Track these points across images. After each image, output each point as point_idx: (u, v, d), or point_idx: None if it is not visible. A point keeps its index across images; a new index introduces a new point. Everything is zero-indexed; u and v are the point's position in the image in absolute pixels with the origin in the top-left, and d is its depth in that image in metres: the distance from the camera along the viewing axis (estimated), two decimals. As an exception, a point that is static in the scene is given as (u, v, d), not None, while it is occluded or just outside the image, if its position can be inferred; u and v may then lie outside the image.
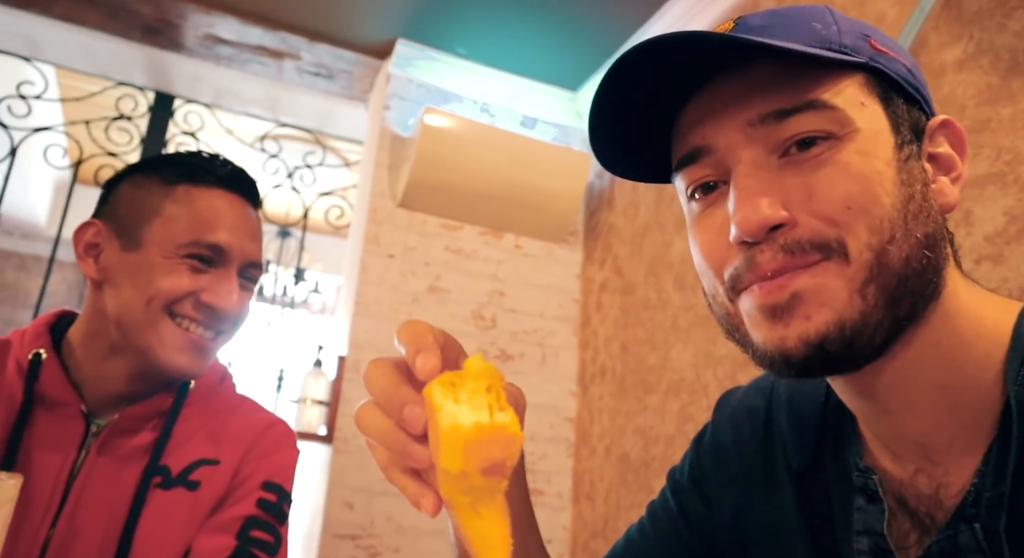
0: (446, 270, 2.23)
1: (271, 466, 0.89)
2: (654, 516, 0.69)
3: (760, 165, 0.47)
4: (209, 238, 0.84)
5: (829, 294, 0.44)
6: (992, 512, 0.42)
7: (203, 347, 0.84)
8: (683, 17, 1.98)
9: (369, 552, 1.95)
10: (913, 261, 0.45)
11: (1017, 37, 1.11)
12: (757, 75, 0.47)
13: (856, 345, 0.44)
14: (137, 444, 0.84)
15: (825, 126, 0.46)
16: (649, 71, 0.50)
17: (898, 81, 0.48)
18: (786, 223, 0.45)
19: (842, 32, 0.48)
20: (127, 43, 2.33)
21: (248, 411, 0.94)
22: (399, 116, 2.28)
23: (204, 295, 0.83)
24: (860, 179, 0.45)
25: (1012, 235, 1.05)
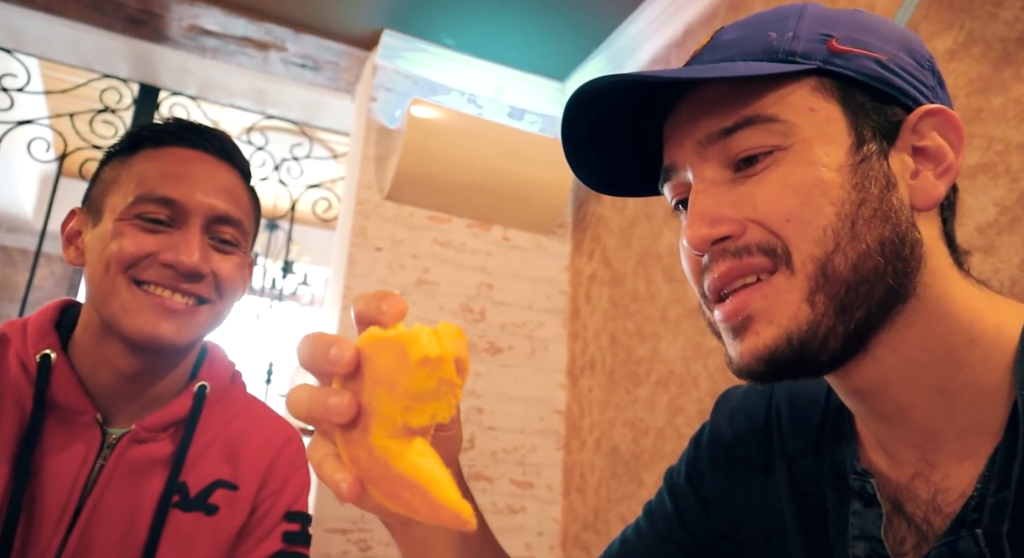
0: (434, 263, 2.22)
1: (290, 494, 0.86)
2: (650, 517, 0.69)
3: (714, 181, 0.49)
4: (158, 192, 0.77)
5: (775, 310, 0.46)
6: (995, 518, 0.42)
7: (172, 310, 0.77)
8: (670, 7, 1.97)
9: (360, 546, 1.94)
10: (863, 268, 0.45)
11: (1008, 26, 1.10)
12: (710, 94, 0.49)
13: (807, 353, 0.46)
14: (154, 456, 0.80)
15: (766, 140, 0.47)
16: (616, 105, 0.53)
17: (860, 80, 0.47)
18: (732, 235, 0.47)
19: (797, 38, 0.48)
20: (111, 35, 2.30)
21: (262, 421, 0.90)
22: (386, 108, 2.26)
23: (163, 255, 0.76)
24: (800, 191, 0.46)
25: (1003, 226, 1.04)
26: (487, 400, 2.20)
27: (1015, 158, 1.05)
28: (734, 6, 1.79)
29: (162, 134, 0.82)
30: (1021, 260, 1.01)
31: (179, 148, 0.82)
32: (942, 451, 0.47)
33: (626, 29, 2.10)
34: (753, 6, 1.71)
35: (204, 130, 0.84)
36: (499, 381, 2.22)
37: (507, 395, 2.22)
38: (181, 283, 0.77)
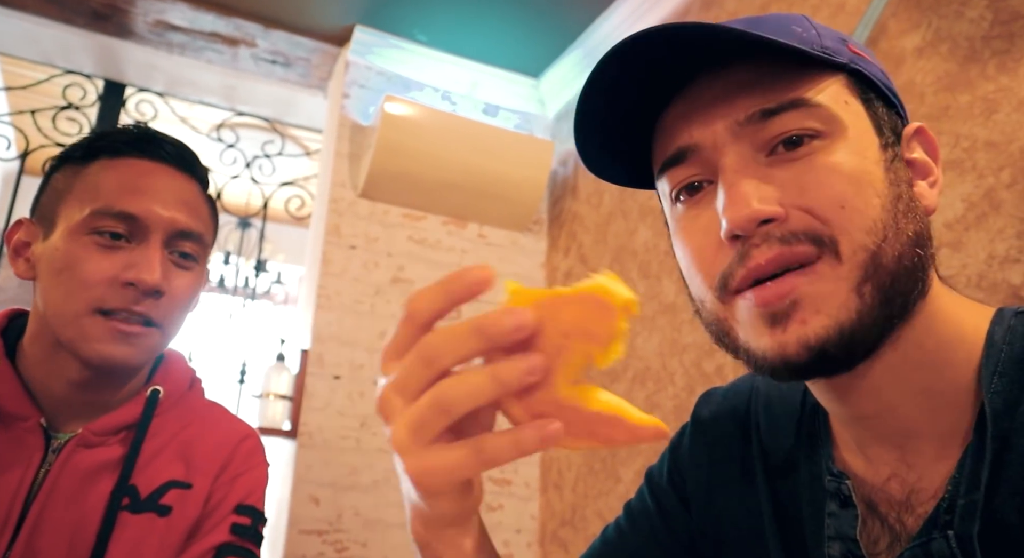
0: (409, 261, 2.20)
1: (243, 487, 0.84)
2: (632, 517, 0.69)
3: (748, 161, 0.47)
4: (119, 206, 0.75)
5: (825, 299, 0.44)
6: (966, 519, 0.42)
7: (128, 333, 0.75)
8: (643, 4, 1.97)
9: (336, 547, 1.92)
10: (905, 259, 0.45)
11: (973, 25, 1.12)
12: (740, 75, 0.47)
13: (855, 345, 0.44)
14: (103, 460, 0.77)
15: (811, 124, 0.46)
16: (631, 72, 0.49)
17: (877, 84, 0.49)
18: (777, 217, 0.45)
19: (822, 35, 0.48)
20: (73, 30, 2.24)
21: (217, 423, 0.88)
22: (359, 104, 2.23)
23: (124, 273, 0.74)
24: (852, 179, 0.45)
25: (971, 221, 1.06)
26: (464, 398, 2.19)
27: (982, 155, 1.06)
28: (707, 3, 1.80)
29: (119, 143, 0.79)
30: (988, 255, 1.03)
31: (137, 159, 0.79)
32: (919, 452, 0.48)
33: (600, 25, 2.10)
34: (726, 3, 1.72)
35: (162, 139, 0.82)
36: (476, 379, 2.21)
37: (484, 393, 2.21)
38: (139, 303, 0.75)
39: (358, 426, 2.04)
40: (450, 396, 0.34)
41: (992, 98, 1.07)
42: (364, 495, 2.00)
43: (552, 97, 2.42)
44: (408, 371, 0.36)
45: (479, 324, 0.35)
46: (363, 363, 2.08)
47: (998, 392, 0.43)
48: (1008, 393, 0.43)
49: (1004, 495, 0.41)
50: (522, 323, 0.34)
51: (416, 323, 0.37)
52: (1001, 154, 1.04)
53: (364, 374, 2.08)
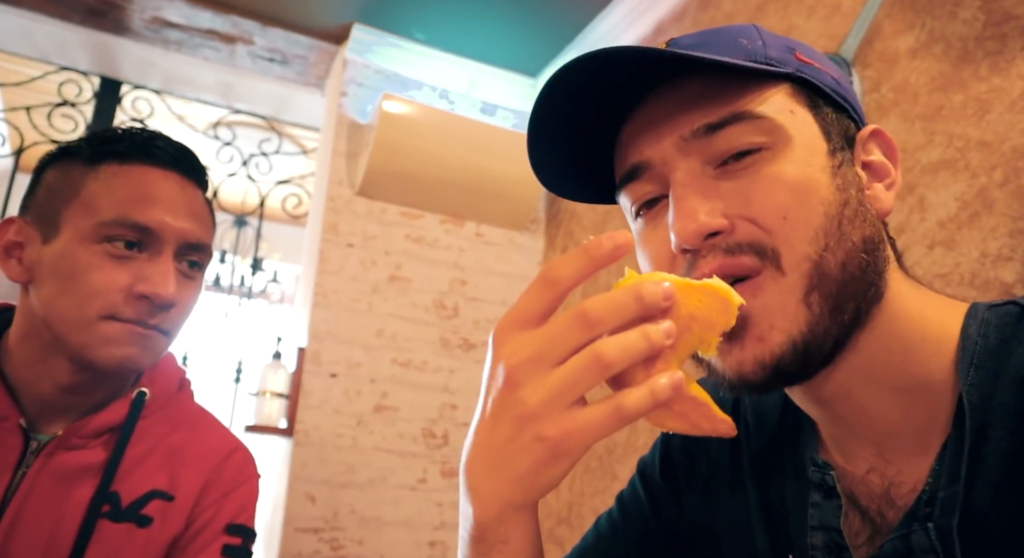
0: (406, 259, 2.21)
1: (233, 506, 0.82)
2: (624, 508, 0.69)
3: (696, 175, 0.48)
4: (135, 217, 0.74)
5: (774, 312, 0.45)
6: (946, 511, 0.43)
7: (143, 337, 0.75)
8: (641, 4, 1.98)
9: (332, 545, 1.93)
10: (851, 266, 0.46)
11: (967, 26, 1.13)
12: (688, 90, 0.48)
13: (810, 357, 0.45)
14: (84, 464, 0.75)
15: (756, 137, 0.47)
16: (584, 93, 0.51)
17: (825, 90, 0.49)
18: (723, 229, 0.46)
19: (767, 46, 0.49)
20: (69, 26, 2.23)
21: (206, 432, 0.86)
22: (356, 103, 2.24)
23: (137, 286, 0.74)
24: (795, 189, 0.46)
25: (964, 220, 1.07)
26: (461, 396, 2.20)
27: (975, 154, 1.08)
28: (704, 3, 1.81)
29: (128, 149, 0.78)
30: (980, 254, 1.04)
31: (147, 166, 0.78)
32: (897, 447, 0.49)
33: (598, 25, 2.11)
34: (723, 3, 1.73)
35: (170, 145, 0.81)
36: (473, 377, 2.22)
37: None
38: (152, 316, 0.75)
39: (354, 424, 2.04)
40: (610, 352, 0.37)
41: (985, 98, 1.08)
42: (360, 493, 2.00)
43: (549, 96, 2.43)
44: (561, 335, 0.38)
45: (638, 292, 0.38)
46: (360, 361, 2.08)
47: (975, 385, 0.44)
48: (984, 385, 0.44)
49: (982, 487, 0.42)
50: (670, 294, 0.39)
51: (557, 290, 0.39)
52: (994, 154, 1.05)
53: (361, 372, 2.08)
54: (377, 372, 2.10)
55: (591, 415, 0.38)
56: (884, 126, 1.23)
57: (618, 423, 0.38)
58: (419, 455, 2.11)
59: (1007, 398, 0.42)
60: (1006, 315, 0.46)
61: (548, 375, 0.38)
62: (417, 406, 2.13)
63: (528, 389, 0.38)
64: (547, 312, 0.40)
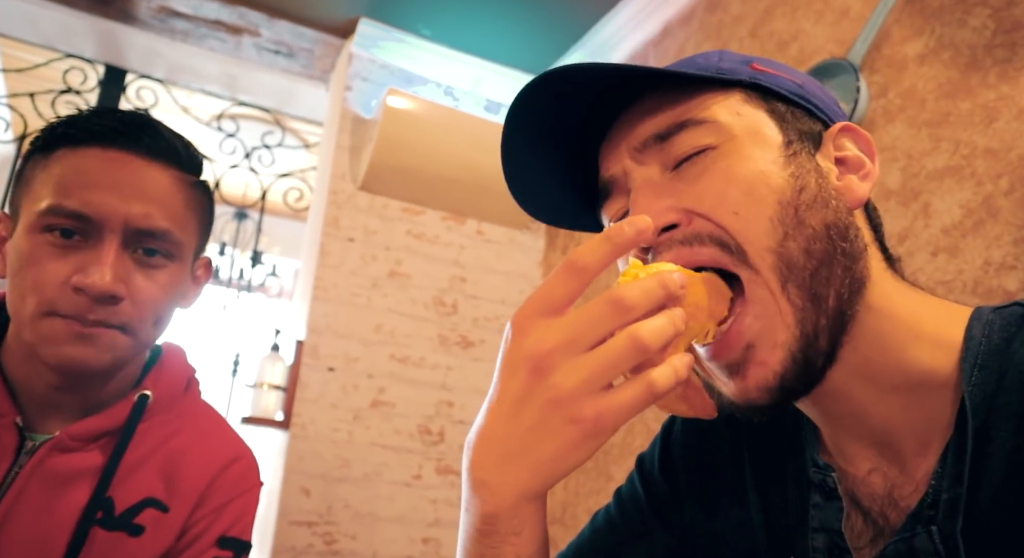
0: (407, 255, 2.20)
1: (228, 518, 0.78)
2: (621, 503, 0.69)
3: (652, 181, 0.50)
4: (65, 203, 0.68)
5: (771, 326, 0.46)
6: (949, 515, 0.42)
7: (85, 335, 0.69)
8: (648, 5, 1.98)
9: (325, 539, 1.92)
10: (815, 251, 0.46)
11: (976, 33, 1.13)
12: (645, 106, 0.52)
13: (810, 364, 0.46)
14: (80, 467, 0.72)
15: (703, 139, 0.49)
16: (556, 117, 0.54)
17: (781, 93, 0.52)
18: (678, 223, 0.48)
19: (722, 60, 0.53)
20: (74, 13, 2.23)
21: (208, 437, 0.82)
22: (361, 97, 2.23)
23: (74, 278, 0.68)
24: (745, 181, 0.47)
25: (968, 228, 1.07)
26: (458, 394, 2.19)
27: (980, 162, 1.07)
28: (712, 6, 1.80)
29: (82, 132, 0.72)
30: (984, 262, 1.04)
31: (100, 149, 0.72)
32: (898, 448, 0.48)
33: (605, 25, 2.11)
34: (731, 7, 1.73)
35: (132, 126, 0.74)
36: (470, 375, 2.21)
37: (478, 389, 2.21)
38: (92, 311, 0.69)
39: (351, 419, 2.04)
40: (647, 335, 0.39)
41: (992, 106, 1.08)
42: (355, 488, 1.99)
43: (554, 96, 2.43)
44: (595, 320, 0.40)
45: (662, 280, 0.41)
46: (358, 356, 2.08)
47: (978, 385, 0.44)
48: (987, 385, 0.43)
49: (986, 488, 0.41)
50: (684, 283, 0.42)
51: (583, 277, 0.41)
52: (1000, 162, 1.05)
53: (358, 367, 2.08)
54: (375, 367, 2.10)
55: (626, 394, 0.40)
56: (890, 131, 1.23)
57: (650, 400, 0.40)
58: (415, 451, 2.10)
59: (1011, 398, 0.42)
60: (1010, 316, 0.46)
61: (582, 359, 0.40)
62: (414, 402, 2.13)
63: (561, 373, 0.39)
64: (572, 299, 0.41)
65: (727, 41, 1.72)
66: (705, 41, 1.81)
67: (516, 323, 0.42)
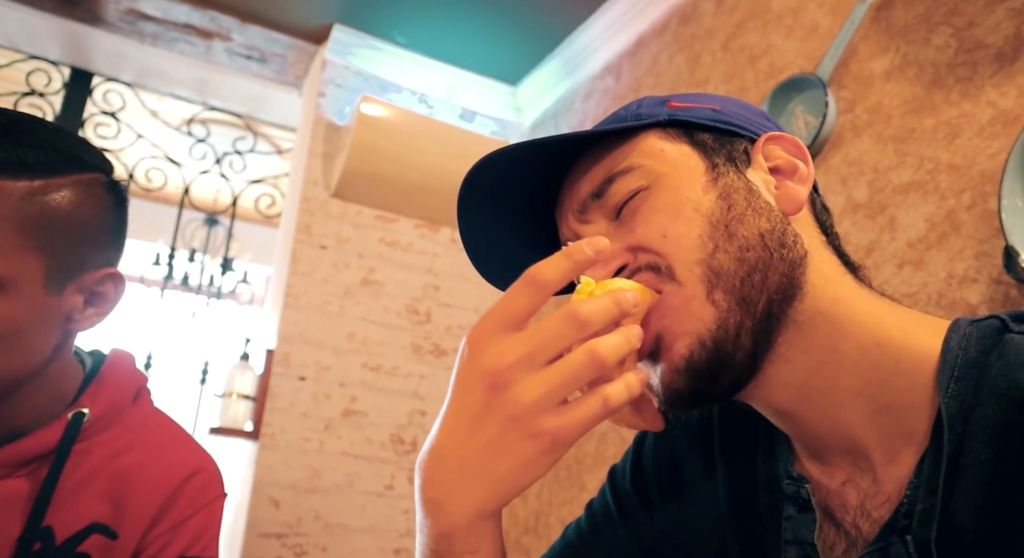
0: (380, 262, 2.19)
1: (187, 537, 0.73)
2: (593, 518, 0.69)
3: (601, 231, 0.53)
4: None
5: (680, 322, 0.48)
6: (923, 524, 0.43)
7: None
8: (623, 17, 2.00)
9: (295, 551, 1.89)
10: (748, 259, 0.48)
11: (939, 52, 1.15)
12: (580, 169, 0.55)
13: (723, 353, 0.47)
14: (7, 496, 0.66)
15: (632, 184, 0.52)
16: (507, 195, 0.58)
17: (700, 123, 0.54)
18: (627, 263, 0.51)
19: (641, 105, 0.56)
20: (38, 14, 2.18)
21: (162, 453, 0.75)
22: (334, 104, 2.22)
23: None
24: (669, 209, 0.50)
25: (932, 241, 1.09)
26: (431, 403, 2.18)
27: (944, 177, 1.10)
28: (685, 19, 1.83)
29: None
30: (947, 275, 1.06)
31: None
32: (868, 456, 0.49)
33: (579, 36, 2.12)
34: (703, 20, 1.76)
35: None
36: (443, 384, 2.20)
37: (451, 398, 2.20)
38: None
39: (322, 429, 2.01)
40: (603, 350, 0.41)
41: (955, 123, 1.10)
42: (325, 498, 1.97)
43: (529, 105, 2.43)
44: (554, 335, 0.41)
45: (616, 298, 0.42)
46: (330, 364, 2.06)
47: (954, 397, 0.44)
48: (963, 397, 0.44)
49: (960, 499, 0.42)
50: (638, 301, 0.44)
51: (542, 293, 0.42)
52: (962, 177, 1.07)
53: (330, 376, 2.05)
54: (347, 376, 2.08)
55: (582, 409, 0.41)
56: (857, 146, 1.25)
57: (604, 415, 0.41)
58: (387, 461, 2.08)
59: (986, 410, 0.43)
60: (988, 329, 0.47)
61: (541, 374, 0.41)
62: (386, 411, 2.11)
63: (519, 388, 0.40)
64: (531, 313, 0.43)
65: (699, 53, 1.75)
66: (678, 53, 1.83)
67: (473, 339, 0.43)
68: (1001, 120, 1.04)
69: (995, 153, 1.03)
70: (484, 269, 0.61)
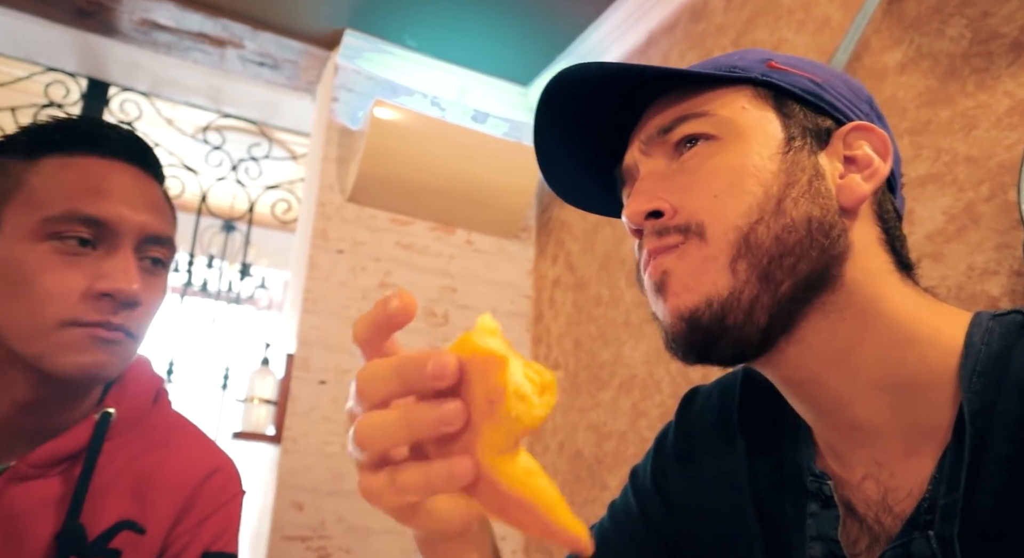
0: (396, 266, 2.20)
1: (210, 533, 0.75)
2: (615, 518, 0.69)
3: (655, 171, 0.54)
4: (86, 210, 0.67)
5: (692, 277, 0.49)
6: (946, 520, 0.43)
7: (108, 341, 0.68)
8: (632, 15, 1.99)
9: (319, 553, 1.91)
10: (787, 240, 0.48)
11: (953, 43, 1.14)
12: (660, 103, 0.56)
13: (730, 321, 0.48)
14: (42, 496, 0.68)
15: (700, 128, 0.52)
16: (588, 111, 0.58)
17: (793, 91, 0.53)
18: (663, 211, 0.51)
19: (742, 58, 0.55)
20: (56, 26, 2.21)
21: (182, 451, 0.78)
22: (347, 108, 2.23)
23: (97, 284, 0.67)
24: (730, 173, 0.50)
25: (951, 234, 1.09)
26: (449, 404, 2.19)
27: (961, 169, 1.09)
28: (696, 15, 1.82)
29: (71, 139, 0.71)
30: (967, 267, 1.06)
31: (95, 157, 0.71)
32: (887, 450, 0.49)
33: (590, 35, 2.12)
34: (714, 16, 1.75)
35: (118, 134, 0.74)
36: (461, 384, 2.21)
37: (469, 398, 2.21)
38: (117, 314, 0.68)
39: (342, 431, 2.03)
40: (363, 433, 0.33)
41: (971, 114, 1.09)
42: (348, 501, 1.99)
43: (540, 105, 2.44)
44: (351, 399, 0.36)
45: (399, 366, 0.33)
46: (349, 368, 2.07)
47: (976, 392, 0.44)
48: (985, 393, 0.44)
49: (982, 495, 0.42)
50: (443, 372, 0.31)
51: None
52: (980, 168, 1.06)
53: (349, 379, 2.06)
54: (366, 379, 2.09)
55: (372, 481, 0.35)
56: (873, 140, 1.24)
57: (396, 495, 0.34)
58: (407, 463, 2.10)
59: (1008, 406, 0.43)
60: (1010, 323, 0.47)
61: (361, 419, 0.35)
62: (406, 413, 2.12)
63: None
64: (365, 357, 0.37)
65: (711, 50, 1.74)
66: (689, 50, 1.82)
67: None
68: (1019, 110, 1.03)
69: (1013, 144, 1.02)
70: (549, 172, 0.62)
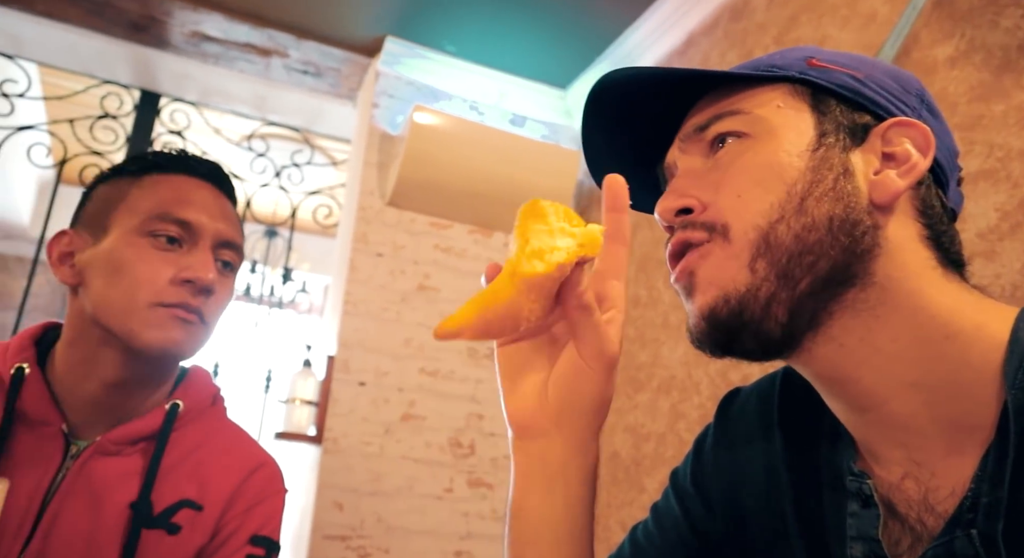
0: (435, 268, 2.22)
1: (258, 518, 0.85)
2: (659, 519, 0.69)
3: (690, 169, 0.55)
4: (175, 213, 0.83)
5: (716, 273, 0.50)
6: (990, 518, 0.42)
7: (186, 321, 0.82)
8: (672, 16, 1.98)
9: (359, 553, 1.93)
10: (807, 239, 0.48)
11: (1008, 34, 1.11)
12: (701, 103, 0.57)
13: (748, 316, 0.49)
14: (120, 470, 0.80)
15: (732, 126, 0.53)
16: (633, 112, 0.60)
17: (831, 88, 0.53)
18: (692, 208, 0.52)
19: (782, 57, 0.55)
20: (111, 40, 2.30)
21: (233, 446, 0.90)
22: (388, 114, 2.26)
23: (182, 273, 0.81)
24: (757, 171, 0.50)
25: (1004, 231, 1.05)
26: (488, 406, 2.20)
27: (1016, 164, 1.05)
28: (736, 13, 1.80)
29: (168, 162, 0.88)
30: (1023, 265, 1.02)
31: (185, 176, 0.88)
32: (925, 448, 0.48)
33: (628, 37, 2.12)
34: (755, 15, 1.73)
35: (202, 161, 0.91)
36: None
37: (507, 402, 2.21)
38: (195, 298, 0.82)
39: (382, 433, 2.05)
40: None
41: (1027, 107, 1.06)
42: (387, 501, 2.00)
43: (579, 108, 2.44)
44: None
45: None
46: (388, 370, 2.10)
47: (1021, 388, 0.43)
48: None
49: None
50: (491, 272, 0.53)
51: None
52: (1037, 163, 1.03)
53: (389, 381, 2.09)
54: (405, 381, 2.11)
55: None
56: (921, 136, 1.21)
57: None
58: (445, 464, 2.11)
59: None
60: None
61: None
62: (444, 416, 2.14)
63: None
64: None
65: (752, 49, 1.72)
66: (730, 50, 1.80)
67: None
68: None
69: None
70: (596, 171, 0.63)
